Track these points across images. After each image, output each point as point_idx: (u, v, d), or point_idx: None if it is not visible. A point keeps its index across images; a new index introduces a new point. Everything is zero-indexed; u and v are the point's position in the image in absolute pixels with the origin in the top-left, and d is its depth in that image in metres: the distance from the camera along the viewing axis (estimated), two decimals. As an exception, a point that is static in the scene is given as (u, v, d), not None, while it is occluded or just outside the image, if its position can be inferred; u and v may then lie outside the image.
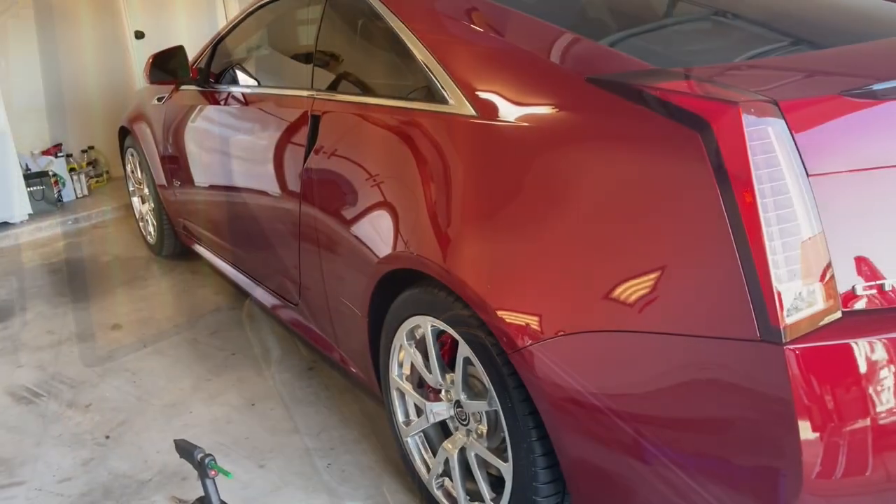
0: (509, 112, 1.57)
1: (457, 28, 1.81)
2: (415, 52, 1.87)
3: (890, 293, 1.23)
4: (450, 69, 1.75)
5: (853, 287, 1.22)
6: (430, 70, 1.80)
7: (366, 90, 2.10)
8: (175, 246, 3.90)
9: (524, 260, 1.46)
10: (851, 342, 1.17)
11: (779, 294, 1.17)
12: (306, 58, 2.45)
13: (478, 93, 1.66)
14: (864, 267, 1.23)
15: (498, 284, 1.50)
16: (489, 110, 1.62)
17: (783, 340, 1.16)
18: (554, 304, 1.41)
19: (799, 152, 1.22)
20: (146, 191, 3.95)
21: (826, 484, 1.18)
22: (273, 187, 2.44)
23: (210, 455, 1.85)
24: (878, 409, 1.18)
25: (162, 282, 3.73)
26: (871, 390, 1.18)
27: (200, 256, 3.73)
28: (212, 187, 3.00)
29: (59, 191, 5.10)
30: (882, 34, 1.64)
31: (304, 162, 2.23)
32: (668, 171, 1.28)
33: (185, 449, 1.89)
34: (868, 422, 1.18)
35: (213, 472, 1.85)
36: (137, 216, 4.22)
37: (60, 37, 5.43)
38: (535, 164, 1.48)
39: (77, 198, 5.27)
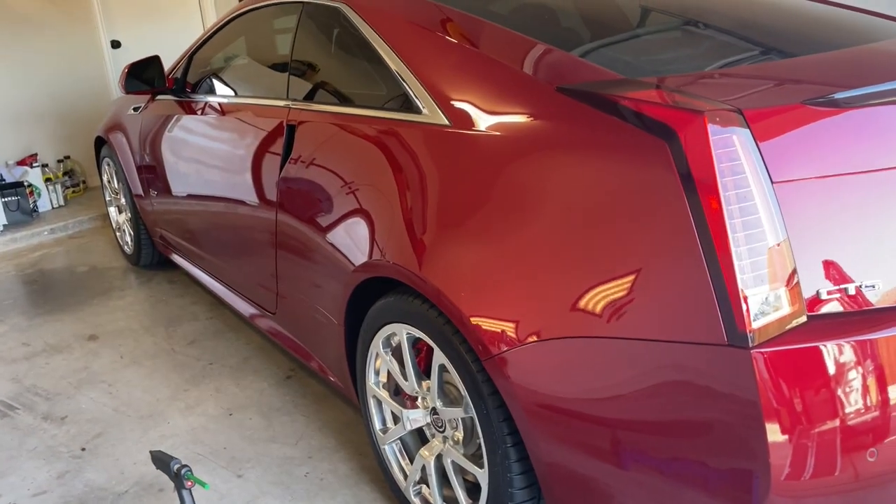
0: (482, 121, 1.59)
1: (431, 39, 1.83)
2: (389, 62, 1.89)
3: (854, 297, 1.26)
4: (424, 79, 1.77)
5: (818, 291, 1.24)
6: (404, 80, 1.82)
7: (341, 100, 2.11)
8: (152, 256, 3.88)
9: (497, 268, 1.48)
10: (817, 345, 1.20)
11: (745, 299, 1.19)
12: (282, 68, 2.45)
13: (451, 102, 1.68)
14: (829, 271, 1.26)
15: (471, 292, 1.52)
16: (462, 120, 1.63)
17: (750, 344, 1.18)
18: (526, 311, 1.43)
19: (763, 160, 1.25)
20: (123, 201, 3.92)
21: (794, 485, 1.21)
22: (249, 197, 2.44)
23: (186, 466, 1.84)
24: (845, 410, 1.20)
25: (139, 292, 3.71)
26: (837, 392, 1.20)
27: (178, 266, 3.72)
28: (189, 197, 2.99)
29: (35, 201, 5.05)
30: (847, 43, 1.68)
31: (280, 171, 2.23)
32: (636, 179, 1.30)
33: (161, 460, 1.88)
34: (835, 423, 1.20)
35: (189, 483, 1.84)
36: (114, 226, 4.20)
37: (35, 46, 5.39)
38: (507, 173, 1.50)
39: (53, 208, 5.22)
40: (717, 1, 2.06)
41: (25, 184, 4.97)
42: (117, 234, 4.19)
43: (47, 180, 5.21)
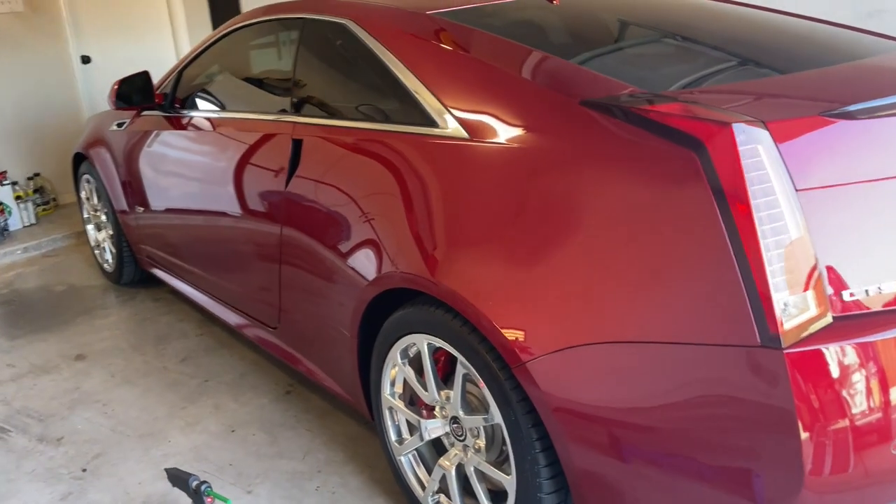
0: (502, 134, 1.63)
1: (443, 54, 1.86)
2: (401, 77, 1.92)
3: (875, 298, 1.32)
4: (438, 94, 1.81)
5: (841, 294, 1.30)
6: (418, 94, 1.85)
7: (348, 115, 2.12)
8: (135, 273, 3.82)
9: (526, 277, 1.51)
10: (844, 344, 1.26)
11: (776, 302, 1.25)
12: (284, 83, 2.46)
13: (470, 116, 1.71)
14: (850, 274, 1.32)
15: (499, 301, 1.55)
16: (482, 132, 1.67)
17: (782, 345, 1.24)
18: (556, 319, 1.47)
19: (787, 168, 1.31)
20: (103, 217, 3.87)
21: (825, 481, 1.26)
22: (250, 212, 2.44)
23: (206, 482, 1.83)
24: (870, 406, 1.26)
25: (123, 310, 3.65)
26: (862, 388, 1.26)
27: (161, 283, 3.67)
28: (182, 212, 2.97)
29: (6, 220, 4.94)
30: (845, 59, 1.76)
31: (287, 186, 2.24)
32: (665, 189, 1.35)
33: (178, 477, 1.87)
34: (862, 419, 1.26)
35: (209, 500, 1.83)
36: (93, 244, 4.12)
37: (3, 61, 5.28)
38: (534, 185, 1.54)
39: (24, 226, 5.11)
40: (725, 21, 2.13)
41: (-5, 202, 4.86)
42: (96, 252, 4.12)
43: (18, 198, 5.10)
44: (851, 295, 1.32)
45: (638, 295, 1.37)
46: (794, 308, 1.26)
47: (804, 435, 1.24)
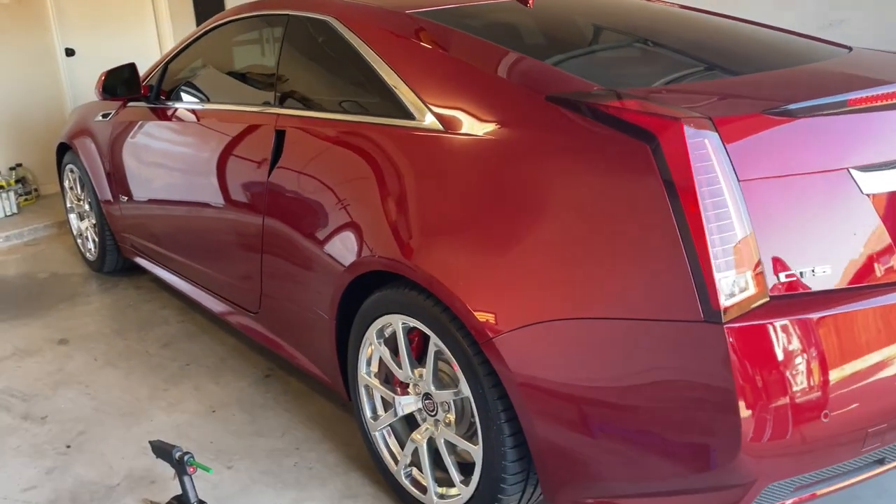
0: (475, 127, 1.74)
1: (421, 51, 1.97)
2: (380, 72, 2.03)
3: (809, 280, 1.45)
4: (415, 88, 1.92)
5: (778, 276, 1.43)
6: (396, 89, 1.96)
7: (330, 108, 2.23)
8: (117, 262, 3.89)
9: (494, 260, 1.63)
10: (778, 321, 1.39)
11: (718, 282, 1.37)
12: (268, 77, 2.56)
13: (446, 111, 1.82)
14: (787, 258, 1.45)
15: (469, 283, 1.66)
16: (455, 125, 1.78)
17: (722, 320, 1.36)
18: (520, 298, 1.58)
19: (731, 161, 1.44)
20: (87, 207, 3.93)
21: (762, 446, 1.38)
22: (233, 200, 2.53)
23: (188, 452, 1.92)
24: (802, 377, 1.39)
25: (105, 298, 3.72)
26: (795, 361, 1.39)
27: (144, 272, 3.75)
28: (165, 202, 3.05)
29: (-13, 208, 4.97)
30: (794, 63, 1.89)
31: (269, 175, 2.34)
32: (621, 178, 1.47)
33: (161, 448, 1.96)
34: (794, 388, 1.39)
35: (192, 469, 1.92)
36: (75, 233, 4.18)
37: (-14, 52, 5.32)
38: (502, 173, 1.65)
39: (6, 216, 5.14)
40: (688, 26, 2.27)
41: (-23, 191, 4.89)
42: (78, 240, 4.18)
43: (-1, 188, 5.14)
44: (788, 276, 1.45)
45: (594, 275, 1.49)
46: (734, 287, 1.39)
47: (741, 402, 1.36)
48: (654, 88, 1.69)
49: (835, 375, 1.41)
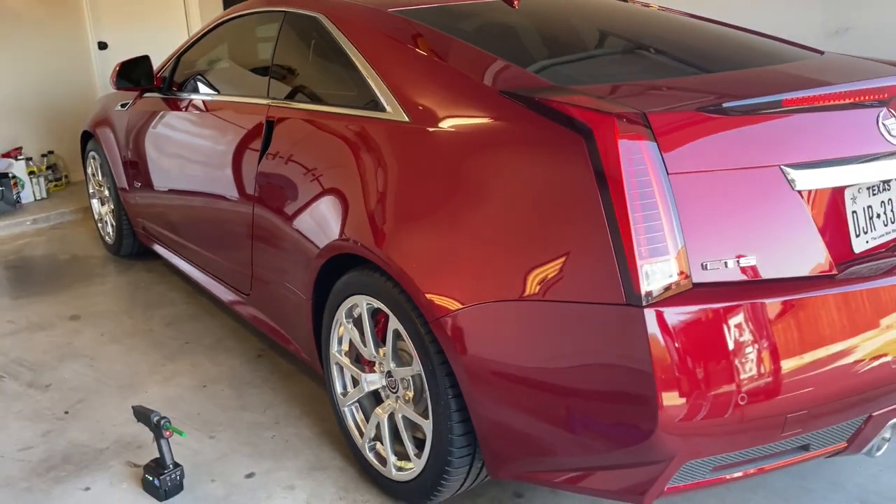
0: (436, 119, 1.85)
1: (394, 47, 2.08)
2: (359, 66, 2.15)
3: (733, 269, 1.52)
4: (387, 81, 2.03)
5: (703, 264, 1.51)
6: (371, 82, 2.08)
7: (315, 99, 2.35)
8: (133, 246, 4.07)
9: (442, 243, 1.73)
10: (699, 307, 1.46)
11: (640, 268, 1.45)
12: (264, 69, 2.70)
13: (410, 102, 1.93)
14: (713, 247, 1.52)
15: (421, 265, 1.77)
16: (420, 117, 1.89)
17: (643, 304, 1.44)
18: (466, 280, 1.68)
19: (661, 154, 1.52)
20: (106, 193, 4.12)
21: (678, 425, 1.46)
22: (230, 188, 2.67)
23: (165, 417, 2.06)
24: (721, 359, 1.46)
25: (119, 279, 3.90)
26: (713, 344, 1.46)
27: (157, 256, 3.92)
28: (172, 189, 3.21)
29: (18, 192, 5.22)
30: (759, 64, 1.96)
31: (259, 163, 2.47)
32: (558, 169, 1.57)
33: (142, 413, 2.10)
34: (712, 369, 1.46)
35: (167, 433, 2.06)
36: (96, 217, 4.38)
37: (26, 45, 5.57)
38: (454, 163, 1.75)
39: (36, 200, 5.39)
40: (659, 24, 2.34)
41: (10, 176, 5.14)
42: (99, 225, 4.38)
43: (31, 173, 5.39)
44: (713, 266, 1.52)
45: (531, 259, 1.59)
46: (656, 273, 1.46)
47: (658, 382, 1.44)
48: (609, 85, 1.77)
49: (751, 362, 1.48)
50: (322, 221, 2.12)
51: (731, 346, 1.48)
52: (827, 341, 1.53)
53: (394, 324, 1.91)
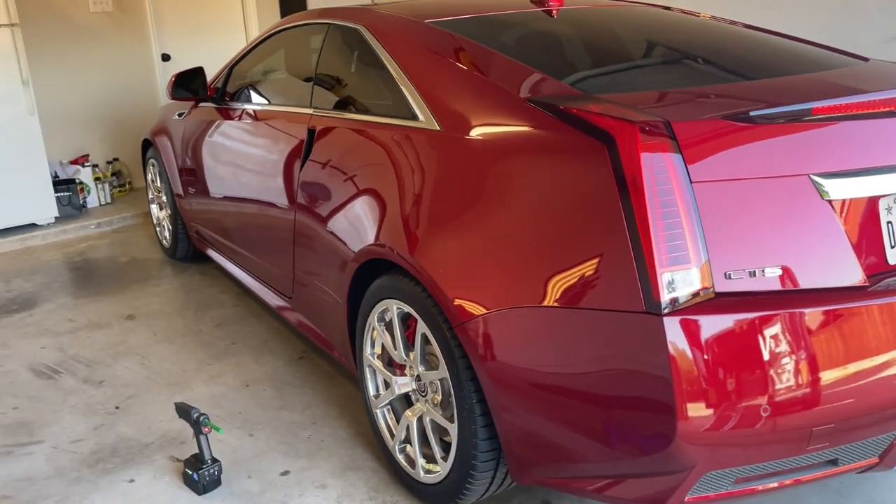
0: (467, 127, 1.88)
1: (429, 57, 2.13)
2: (395, 75, 2.20)
3: (755, 280, 1.51)
4: (421, 90, 2.07)
5: (727, 273, 1.49)
6: (406, 91, 2.12)
7: (354, 108, 2.42)
8: (188, 250, 4.22)
9: (467, 249, 1.76)
10: (719, 316, 1.45)
11: (660, 276, 1.45)
12: (308, 79, 2.78)
13: (442, 110, 1.97)
14: (738, 257, 1.51)
15: (448, 270, 1.80)
16: (451, 125, 1.93)
17: (662, 312, 1.44)
18: (487, 285, 1.71)
19: (685, 163, 1.51)
20: (164, 198, 4.29)
21: (698, 434, 1.45)
22: (274, 194, 2.76)
23: (204, 414, 2.14)
24: (743, 371, 1.45)
25: (174, 281, 4.05)
26: (735, 354, 1.45)
27: (210, 260, 4.05)
28: (222, 195, 3.33)
29: (84, 198, 5.47)
30: (801, 71, 1.93)
31: (300, 171, 2.55)
32: (581, 177, 1.58)
33: (183, 409, 2.18)
34: (732, 381, 1.45)
35: (206, 429, 2.14)
36: (155, 222, 4.56)
37: (93, 57, 5.84)
38: (482, 171, 1.78)
39: (100, 205, 5.64)
40: (695, 32, 2.33)
41: (77, 181, 5.39)
42: (157, 229, 4.55)
43: (97, 179, 5.63)
44: (735, 275, 1.50)
45: (553, 266, 1.60)
46: (677, 282, 1.46)
47: (677, 391, 1.44)
48: (638, 94, 1.77)
49: (775, 373, 1.46)
50: (356, 227, 2.18)
51: (753, 356, 1.46)
52: (857, 355, 1.50)
53: (422, 328, 1.94)
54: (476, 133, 1.85)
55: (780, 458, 1.52)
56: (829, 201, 1.56)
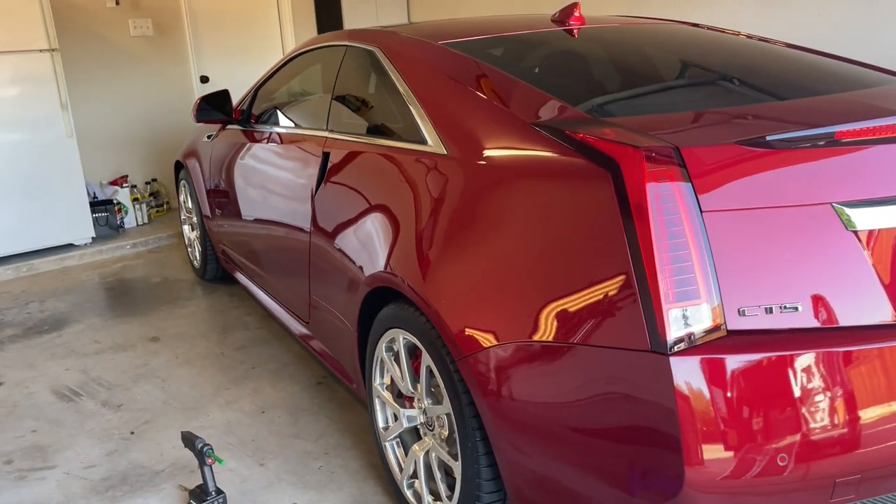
0: (470, 152, 1.81)
1: (439, 81, 2.07)
2: (405, 98, 2.14)
3: (775, 317, 1.40)
4: (430, 114, 2.01)
5: (741, 310, 1.39)
6: (415, 114, 2.07)
7: (367, 131, 2.37)
8: (217, 270, 4.23)
9: (470, 280, 1.68)
10: (730, 357, 1.35)
11: (667, 313, 1.36)
12: (325, 102, 2.75)
13: (448, 134, 1.91)
14: (753, 292, 1.40)
15: (450, 301, 1.72)
16: (456, 149, 1.86)
17: (668, 351, 1.34)
18: (491, 319, 1.62)
19: (695, 191, 1.42)
20: (194, 219, 4.31)
21: (707, 483, 1.35)
22: (292, 217, 2.73)
23: (208, 445, 2.10)
24: (754, 416, 1.34)
25: (202, 302, 4.06)
26: (748, 398, 1.34)
27: (237, 281, 4.05)
28: (244, 217, 3.32)
29: (122, 218, 5.55)
30: (837, 90, 1.81)
31: (315, 193, 2.51)
32: (585, 206, 1.49)
33: (188, 439, 2.15)
34: (745, 428, 1.34)
35: (209, 460, 2.09)
36: (186, 242, 4.59)
37: (133, 80, 5.96)
38: (486, 197, 1.71)
39: (137, 225, 5.71)
40: (728, 50, 2.22)
41: (115, 202, 5.48)
42: (188, 249, 4.58)
43: (135, 200, 5.72)
44: (749, 311, 1.40)
45: (554, 300, 1.51)
46: (686, 319, 1.36)
47: (685, 436, 1.33)
48: (651, 116, 1.68)
49: (793, 419, 1.34)
50: (365, 252, 2.12)
51: (769, 401, 1.35)
52: (886, 397, 1.38)
53: (426, 360, 1.87)
54: (479, 158, 1.78)
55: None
56: (855, 232, 1.45)
